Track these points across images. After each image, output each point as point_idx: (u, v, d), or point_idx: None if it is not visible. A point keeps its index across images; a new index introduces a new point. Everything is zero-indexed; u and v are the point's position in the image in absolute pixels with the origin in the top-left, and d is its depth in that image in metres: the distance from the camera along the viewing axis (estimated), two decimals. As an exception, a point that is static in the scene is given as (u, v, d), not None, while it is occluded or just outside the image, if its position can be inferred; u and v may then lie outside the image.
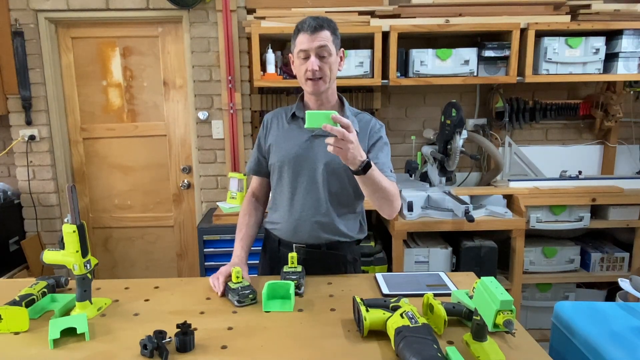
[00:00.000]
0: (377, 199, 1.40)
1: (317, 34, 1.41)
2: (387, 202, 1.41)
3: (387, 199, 1.40)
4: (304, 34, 1.42)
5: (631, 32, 2.65)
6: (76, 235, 1.25)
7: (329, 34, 1.43)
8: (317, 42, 1.41)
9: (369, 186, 1.34)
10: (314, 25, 1.41)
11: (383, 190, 1.37)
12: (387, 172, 1.47)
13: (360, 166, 1.27)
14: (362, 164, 1.27)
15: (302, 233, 1.56)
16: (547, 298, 2.81)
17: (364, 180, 1.32)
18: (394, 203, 1.43)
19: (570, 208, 2.67)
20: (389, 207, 1.44)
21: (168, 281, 1.52)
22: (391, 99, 3.10)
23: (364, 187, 1.36)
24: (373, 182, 1.33)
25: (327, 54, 1.43)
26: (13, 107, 2.92)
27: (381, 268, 2.65)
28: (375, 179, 1.33)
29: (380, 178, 1.35)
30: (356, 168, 1.27)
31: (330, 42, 1.43)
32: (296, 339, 1.15)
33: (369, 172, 1.29)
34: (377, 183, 1.34)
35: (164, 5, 2.83)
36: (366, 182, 1.33)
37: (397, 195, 1.45)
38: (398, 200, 1.46)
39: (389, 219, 1.53)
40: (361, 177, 1.31)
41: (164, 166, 3.15)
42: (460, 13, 2.70)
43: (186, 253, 3.26)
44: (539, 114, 3.01)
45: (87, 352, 1.11)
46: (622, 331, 1.37)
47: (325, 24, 1.44)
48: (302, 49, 1.43)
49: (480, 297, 1.06)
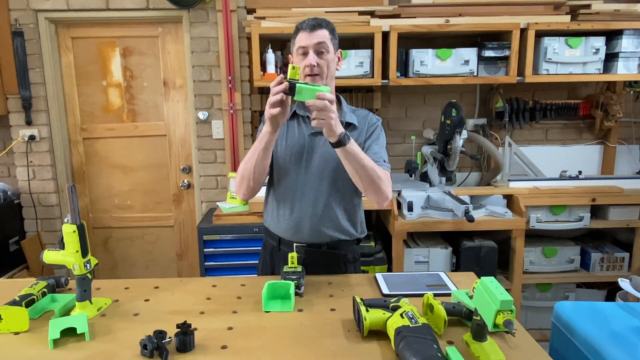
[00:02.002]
0: (362, 180, 1.42)
1: (316, 32, 1.46)
2: (372, 184, 1.43)
3: (372, 180, 1.42)
4: (303, 32, 1.48)
5: (631, 32, 2.65)
6: (76, 235, 1.25)
7: (327, 33, 1.49)
8: (316, 39, 1.46)
9: (351, 161, 1.39)
10: (313, 23, 1.47)
11: (366, 168, 1.40)
12: (380, 162, 1.49)
13: (340, 136, 1.33)
14: (341, 135, 1.34)
15: (302, 232, 1.56)
16: (547, 298, 2.81)
17: (344, 154, 1.38)
18: (381, 187, 1.44)
19: (570, 208, 2.67)
20: (375, 191, 1.45)
21: (168, 281, 1.52)
22: (391, 99, 3.10)
23: (346, 162, 1.40)
24: (354, 157, 1.38)
25: (325, 51, 1.47)
26: (13, 107, 2.92)
27: (381, 268, 2.65)
28: (357, 154, 1.38)
29: (362, 155, 1.40)
30: (336, 139, 1.34)
31: (328, 40, 1.48)
32: (296, 339, 1.15)
33: (349, 145, 1.36)
34: (358, 159, 1.38)
35: (164, 5, 2.83)
36: (347, 157, 1.38)
37: (386, 181, 1.46)
38: (387, 186, 1.46)
39: (378, 207, 1.52)
40: (342, 150, 1.36)
41: (164, 166, 3.15)
42: (460, 13, 2.70)
43: (186, 253, 3.26)
44: (539, 114, 3.01)
45: (87, 352, 1.11)
46: (622, 331, 1.37)
47: (323, 23, 1.49)
48: (301, 46, 1.47)
49: (480, 297, 1.06)
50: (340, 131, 1.34)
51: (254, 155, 1.46)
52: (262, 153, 1.45)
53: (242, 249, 2.57)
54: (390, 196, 1.49)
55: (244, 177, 1.52)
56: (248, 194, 1.56)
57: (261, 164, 1.48)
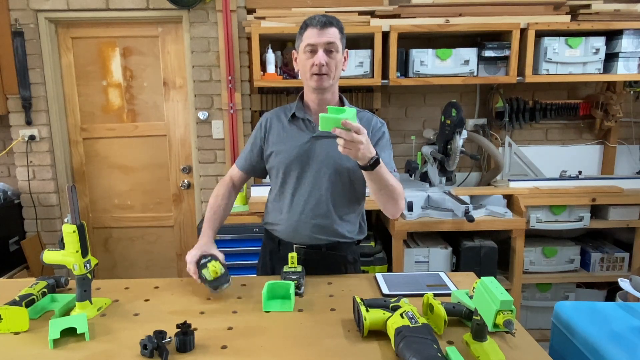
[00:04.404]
0: (382, 196, 1.41)
1: (326, 30, 1.42)
2: (392, 200, 1.42)
3: (393, 197, 1.41)
4: (312, 29, 1.43)
5: (631, 32, 2.65)
6: (76, 235, 1.25)
7: (337, 32, 1.45)
8: (326, 38, 1.42)
9: (376, 183, 1.35)
10: (324, 21, 1.42)
11: (389, 188, 1.38)
12: (391, 172, 1.46)
13: (370, 162, 1.28)
14: (372, 161, 1.28)
15: (302, 234, 1.56)
16: (547, 298, 2.81)
17: (371, 176, 1.33)
18: (398, 201, 1.44)
19: (570, 208, 2.67)
20: (393, 206, 1.44)
21: (168, 281, 1.52)
22: (391, 99, 3.10)
23: (371, 183, 1.37)
24: (381, 179, 1.34)
25: (335, 51, 1.44)
26: (13, 107, 2.92)
27: (381, 268, 2.65)
28: (383, 175, 1.34)
29: (388, 175, 1.36)
30: (365, 164, 1.28)
31: (338, 39, 1.44)
32: (296, 339, 1.15)
33: (377, 168, 1.30)
34: (384, 180, 1.35)
35: (164, 5, 2.83)
36: (374, 179, 1.34)
37: (402, 195, 1.45)
38: (403, 200, 1.46)
39: (392, 218, 1.52)
40: (369, 172, 1.31)
41: (164, 166, 3.15)
42: (460, 13, 2.70)
43: (186, 253, 3.24)
44: (539, 114, 3.01)
45: (87, 352, 1.11)
46: (622, 331, 1.37)
47: (334, 21, 1.45)
48: (309, 43, 1.43)
49: (480, 297, 1.06)
50: (371, 156, 1.27)
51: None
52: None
53: (242, 249, 2.57)
54: (403, 208, 1.49)
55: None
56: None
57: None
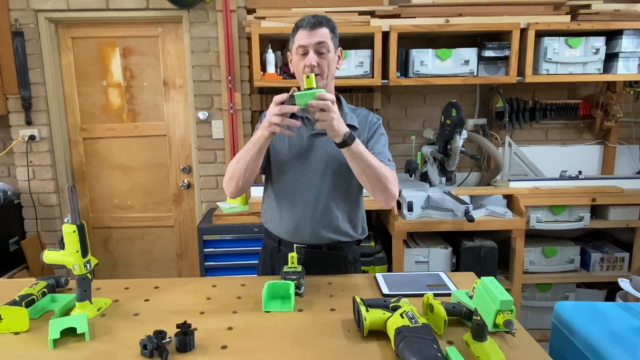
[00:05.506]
0: (367, 178, 1.41)
1: (316, 31, 1.43)
2: (379, 183, 1.41)
3: (379, 179, 1.41)
4: (303, 30, 1.44)
5: (631, 32, 2.65)
6: (76, 235, 1.25)
7: (327, 32, 1.45)
8: (316, 38, 1.42)
9: (358, 162, 1.37)
10: (313, 22, 1.43)
11: (372, 168, 1.39)
12: (385, 161, 1.48)
13: (345, 136, 1.32)
14: (346, 135, 1.32)
15: (303, 233, 1.56)
16: (547, 298, 2.81)
17: (350, 154, 1.36)
18: (388, 187, 1.43)
19: (570, 208, 2.67)
20: (383, 191, 1.43)
21: (168, 281, 1.52)
22: (391, 99, 3.10)
23: (352, 162, 1.39)
24: (361, 157, 1.36)
25: (326, 51, 1.44)
26: (13, 107, 2.92)
27: (381, 268, 2.65)
28: (362, 153, 1.37)
29: (368, 155, 1.39)
30: (341, 139, 1.32)
31: (329, 39, 1.45)
32: (296, 339, 1.15)
33: (354, 145, 1.34)
34: (365, 159, 1.37)
35: (164, 5, 2.83)
36: (353, 157, 1.37)
37: (392, 179, 1.45)
38: (393, 185, 1.45)
39: (385, 206, 1.51)
40: (348, 149, 1.34)
41: (164, 166, 3.15)
42: (460, 13, 2.70)
43: (186, 253, 3.26)
44: (539, 114, 3.01)
45: (87, 352, 1.11)
46: (622, 331, 1.37)
47: (324, 21, 1.45)
48: (300, 45, 1.44)
49: (480, 297, 1.06)
50: (345, 130, 1.33)
51: (247, 156, 1.44)
52: (255, 155, 1.43)
53: (242, 249, 2.58)
54: (397, 195, 1.48)
55: (234, 176, 1.49)
56: (236, 192, 1.54)
57: (253, 166, 1.45)
